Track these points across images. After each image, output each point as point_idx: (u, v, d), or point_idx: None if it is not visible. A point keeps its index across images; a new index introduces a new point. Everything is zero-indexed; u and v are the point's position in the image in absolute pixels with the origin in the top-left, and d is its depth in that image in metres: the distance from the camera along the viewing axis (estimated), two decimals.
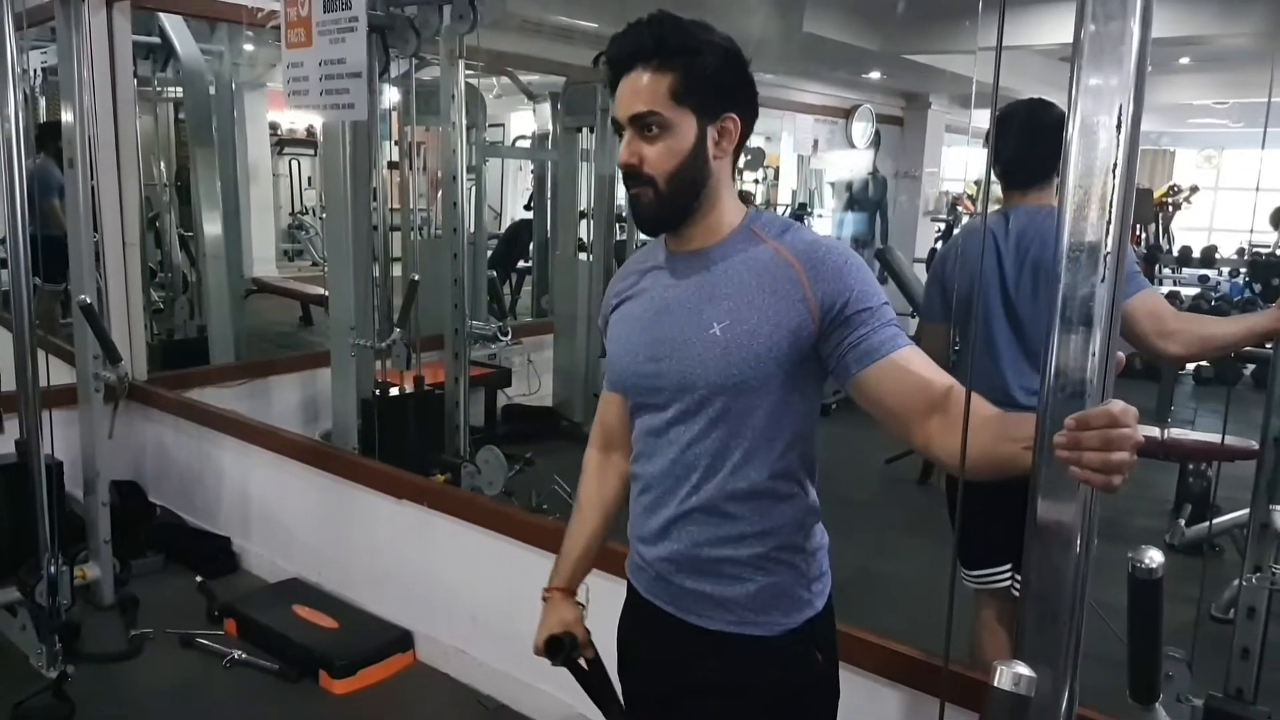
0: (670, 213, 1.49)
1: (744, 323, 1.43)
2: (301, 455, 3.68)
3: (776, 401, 1.46)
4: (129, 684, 3.15)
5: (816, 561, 1.58)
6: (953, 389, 1.38)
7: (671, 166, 1.45)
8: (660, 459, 1.54)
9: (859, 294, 1.41)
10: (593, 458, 1.81)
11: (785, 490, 1.52)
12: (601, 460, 1.79)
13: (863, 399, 1.43)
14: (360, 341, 3.92)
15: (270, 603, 3.51)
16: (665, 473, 1.54)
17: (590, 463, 1.81)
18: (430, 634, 3.27)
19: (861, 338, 1.40)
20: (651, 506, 1.58)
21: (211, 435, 4.04)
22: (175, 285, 6.33)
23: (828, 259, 1.43)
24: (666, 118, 1.43)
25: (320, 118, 3.63)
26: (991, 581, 2.61)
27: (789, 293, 1.42)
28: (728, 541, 1.51)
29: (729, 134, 1.48)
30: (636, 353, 1.55)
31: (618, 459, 1.75)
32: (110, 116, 4.04)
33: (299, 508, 3.77)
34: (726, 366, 1.44)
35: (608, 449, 1.78)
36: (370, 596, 3.46)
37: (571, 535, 1.80)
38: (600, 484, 1.78)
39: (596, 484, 1.79)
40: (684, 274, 1.52)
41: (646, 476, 1.58)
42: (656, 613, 1.61)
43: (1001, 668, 1.14)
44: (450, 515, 3.14)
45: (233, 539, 3.99)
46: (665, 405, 1.52)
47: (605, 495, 1.78)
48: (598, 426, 1.80)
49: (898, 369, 1.39)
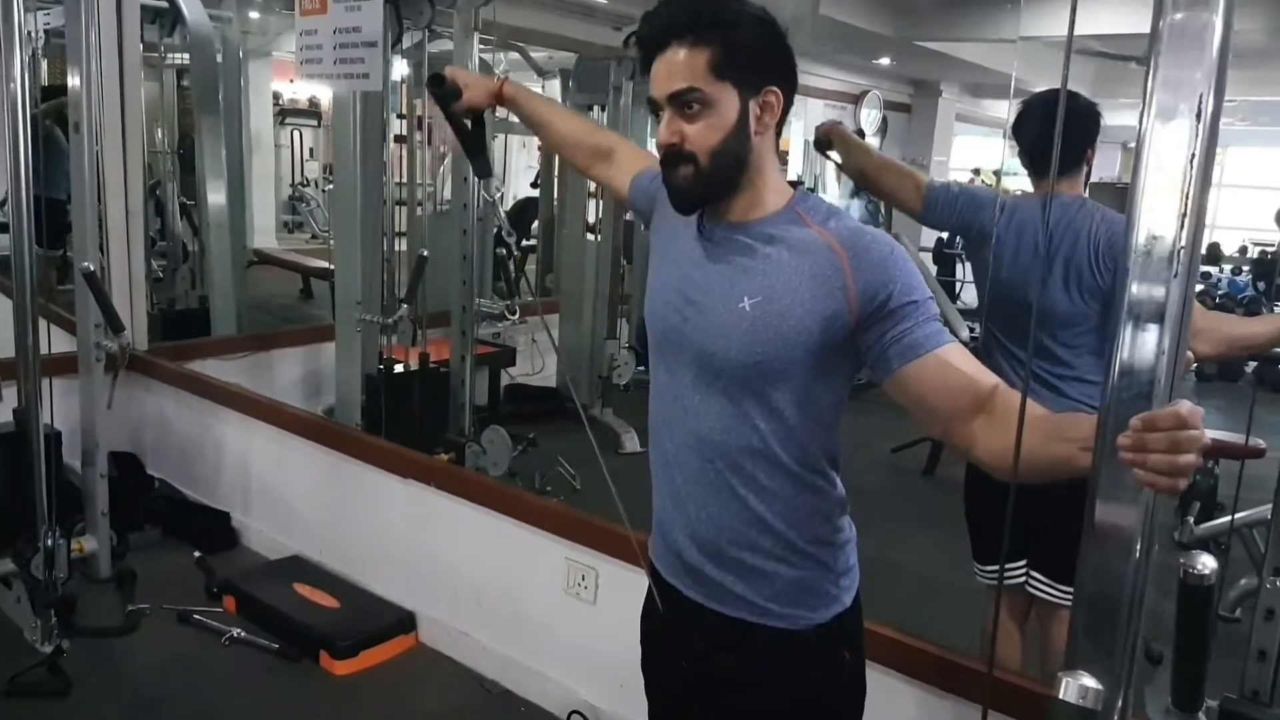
0: (711, 189, 1.43)
1: (775, 302, 1.38)
2: (305, 431, 3.62)
3: (799, 388, 1.41)
4: (125, 660, 3.09)
5: (844, 555, 1.54)
6: (998, 388, 1.33)
7: (714, 143, 1.39)
8: (678, 428, 1.50)
9: (903, 286, 1.35)
10: (612, 143, 1.93)
11: (810, 480, 1.47)
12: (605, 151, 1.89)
13: (902, 395, 1.38)
14: (366, 317, 3.87)
15: (270, 580, 3.46)
16: (685, 446, 1.49)
17: (610, 140, 1.95)
18: (433, 616, 3.22)
19: (904, 332, 1.34)
20: (675, 485, 1.53)
21: (212, 408, 3.97)
22: (176, 255, 6.25)
23: (873, 248, 1.37)
24: (707, 94, 1.37)
25: (331, 88, 3.56)
26: (1007, 578, 2.55)
27: (828, 279, 1.37)
28: (752, 529, 1.47)
29: (771, 108, 1.42)
30: (668, 300, 1.51)
31: (600, 166, 1.87)
32: (116, 81, 3.95)
33: (301, 484, 3.71)
34: (750, 344, 1.39)
35: (608, 158, 1.87)
36: (372, 576, 3.41)
37: (554, 109, 2.12)
38: (590, 147, 1.91)
39: (592, 145, 1.92)
40: (721, 243, 1.47)
41: (663, 442, 1.54)
42: (679, 597, 1.57)
43: (1067, 679, 1.10)
44: (456, 496, 3.08)
45: (233, 514, 3.94)
46: (684, 367, 1.48)
47: (580, 149, 1.93)
48: (625, 151, 1.88)
49: (942, 365, 1.34)
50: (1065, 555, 2.46)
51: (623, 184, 1.81)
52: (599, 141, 1.92)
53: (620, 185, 1.82)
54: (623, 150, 1.88)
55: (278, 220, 11.81)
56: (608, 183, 1.89)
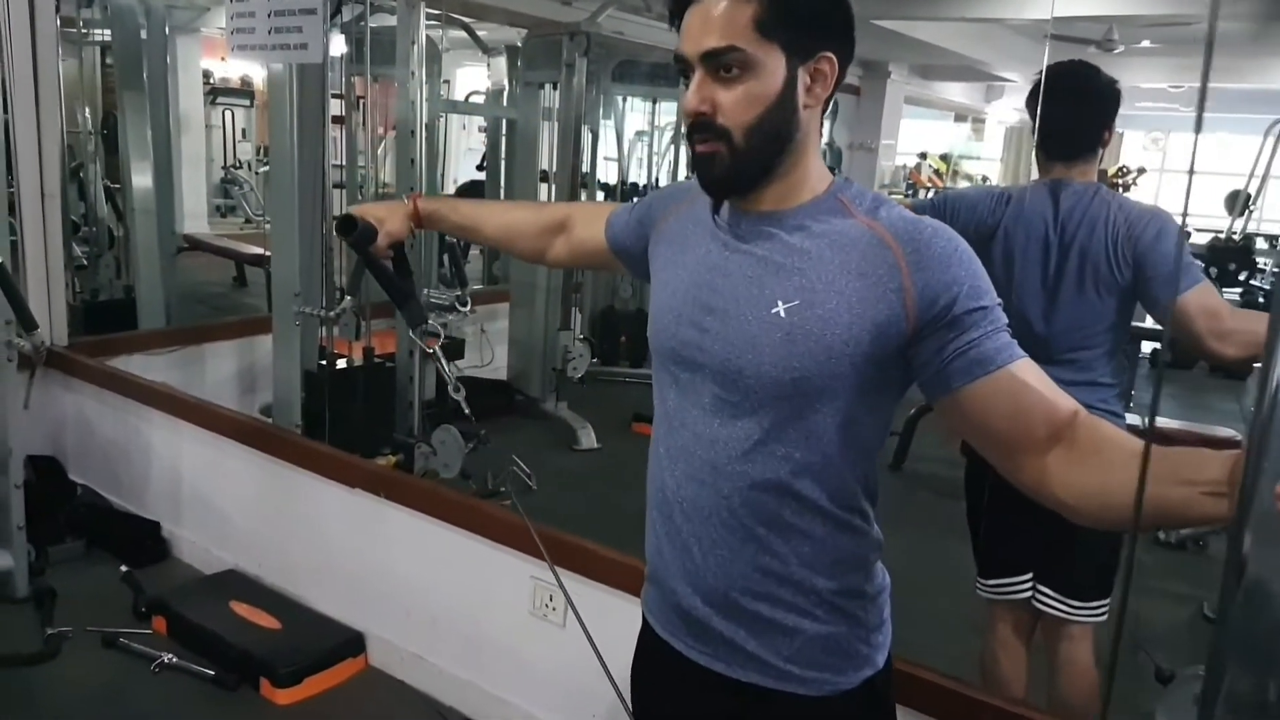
0: (746, 174, 1.21)
1: (817, 306, 1.16)
2: (241, 435, 3.34)
3: (841, 409, 1.20)
4: (44, 690, 2.80)
5: (877, 607, 1.32)
6: (1078, 414, 1.13)
7: (752, 117, 1.17)
8: (687, 462, 1.27)
9: (970, 289, 1.15)
10: (557, 216, 1.70)
11: (845, 519, 1.26)
12: (555, 227, 1.67)
13: (959, 419, 1.17)
14: (306, 309, 3.58)
15: (205, 598, 3.18)
16: (693, 480, 1.27)
17: (553, 213, 1.71)
18: (384, 636, 2.97)
19: (971, 343, 1.13)
20: (670, 521, 1.31)
21: (139, 409, 3.67)
22: (101, 241, 5.89)
23: (934, 243, 1.16)
24: (750, 55, 1.15)
25: (266, 62, 3.27)
26: (1011, 592, 2.41)
27: (881, 278, 1.15)
28: (770, 577, 1.25)
29: (824, 78, 1.20)
30: (679, 313, 1.28)
31: (559, 243, 1.67)
32: (28, 55, 3.62)
33: (237, 492, 3.43)
34: (787, 356, 1.17)
35: (564, 230, 1.65)
36: (317, 593, 3.15)
37: (477, 207, 1.87)
38: (533, 231, 1.68)
39: (533, 227, 1.69)
40: (749, 237, 1.24)
41: (664, 479, 1.31)
42: (675, 658, 1.34)
43: None
44: (410, 508, 2.84)
45: (162, 524, 3.64)
46: (701, 387, 1.25)
47: (521, 239, 1.70)
48: (580, 215, 1.66)
49: (1015, 384, 1.13)
50: (1076, 569, 2.33)
51: (596, 239, 1.58)
52: (547, 218, 1.69)
53: (594, 243, 1.59)
54: (578, 212, 1.67)
55: (209, 204, 11.34)
56: (577, 253, 1.66)
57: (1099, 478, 1.08)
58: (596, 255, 1.60)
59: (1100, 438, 1.11)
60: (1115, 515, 1.08)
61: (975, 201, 2.41)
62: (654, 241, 1.41)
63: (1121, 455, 1.08)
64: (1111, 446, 1.10)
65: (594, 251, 1.60)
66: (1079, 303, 2.21)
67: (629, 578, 2.29)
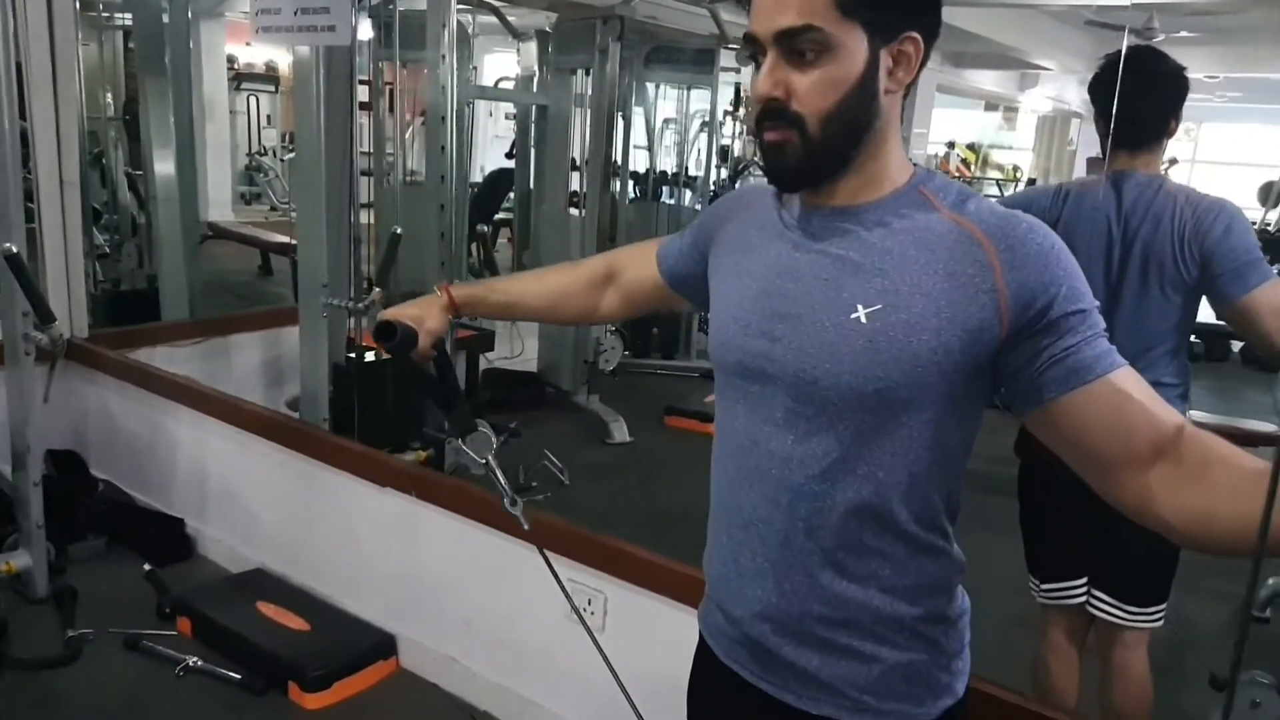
0: (820, 165, 1.09)
1: (903, 310, 1.05)
2: (267, 431, 3.24)
3: (929, 422, 1.08)
4: (64, 695, 2.71)
5: (958, 632, 1.21)
6: (1184, 430, 1.01)
7: (830, 104, 1.05)
8: (759, 482, 1.16)
9: (1069, 290, 1.03)
10: (597, 268, 1.54)
11: (928, 540, 1.14)
12: (599, 280, 1.52)
13: (1053, 432, 1.06)
14: (334, 301, 3.47)
15: (230, 598, 3.08)
16: (768, 501, 1.15)
17: (591, 266, 1.55)
18: (416, 639, 2.87)
19: (1069, 350, 1.02)
20: (740, 545, 1.20)
21: (162, 403, 3.57)
22: (124, 229, 5.80)
23: (1029, 240, 1.04)
24: (829, 35, 1.03)
25: (292, 46, 3.15)
26: (1066, 596, 2.32)
27: (973, 279, 1.04)
28: (848, 604, 1.14)
29: (907, 60, 1.08)
30: (747, 323, 1.16)
31: (608, 295, 1.52)
32: (45, 40, 3.52)
33: (264, 489, 3.33)
34: (870, 366, 1.05)
35: (610, 279, 1.51)
36: (346, 593, 3.04)
37: (510, 283, 1.62)
38: (577, 290, 1.53)
39: (576, 286, 1.53)
40: (822, 235, 1.12)
41: (734, 500, 1.20)
42: (739, 684, 1.23)
43: None
44: (443, 508, 2.72)
45: (187, 521, 3.54)
46: (773, 400, 1.14)
47: (567, 301, 1.54)
48: (622, 258, 1.54)
49: (1117, 396, 1.02)
50: (1133, 573, 2.21)
51: (650, 279, 1.45)
52: (589, 273, 1.54)
53: (649, 283, 1.46)
54: (622, 257, 1.53)
55: (234, 191, 11.29)
56: (631, 299, 1.52)
57: (1210, 500, 0.98)
58: (654, 296, 1.48)
59: (1211, 456, 1.00)
60: (1230, 541, 0.97)
61: (1030, 199, 2.32)
62: (714, 255, 1.30)
63: (1236, 476, 0.97)
64: (1224, 465, 0.99)
65: (650, 293, 1.47)
66: (1143, 301, 2.10)
67: (674, 584, 2.19)
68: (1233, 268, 2.01)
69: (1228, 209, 2.05)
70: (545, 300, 1.57)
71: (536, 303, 1.58)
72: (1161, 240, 2.07)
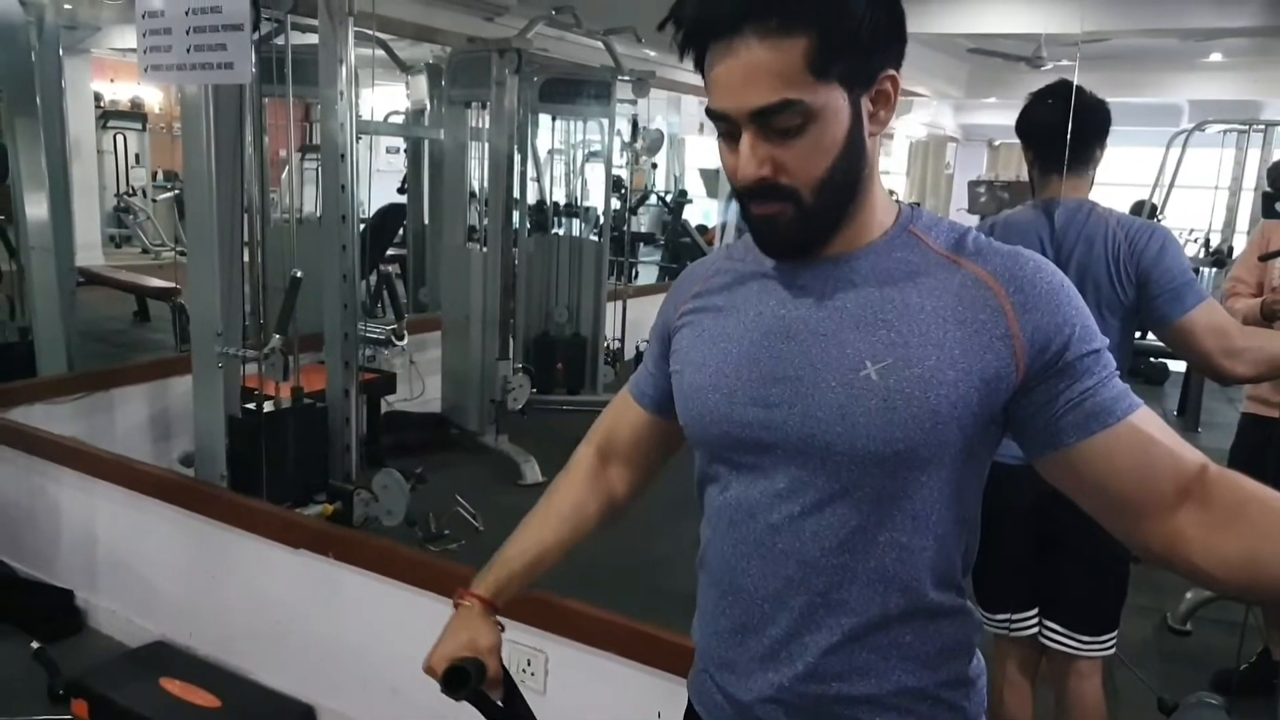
0: (816, 231, 1.03)
1: (915, 364, 0.99)
2: (162, 492, 3.04)
3: (948, 480, 1.03)
4: None
5: (977, 693, 1.15)
6: (1208, 468, 0.97)
7: (822, 171, 0.99)
8: (763, 557, 1.08)
9: (1082, 330, 0.99)
10: (586, 458, 1.36)
11: (947, 603, 1.08)
12: (596, 467, 1.35)
13: (1071, 478, 1.01)
14: (230, 350, 3.28)
15: (131, 675, 2.85)
16: (774, 576, 1.07)
17: (581, 462, 1.36)
18: (339, 710, 2.71)
19: (1086, 393, 0.97)
20: (744, 624, 1.11)
21: (43, 465, 3.34)
22: None
23: (1039, 279, 1.00)
24: (810, 105, 0.96)
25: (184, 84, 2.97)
26: (1017, 628, 2.30)
27: (985, 325, 0.99)
28: (868, 678, 1.06)
29: (886, 98, 1.02)
30: (733, 390, 1.07)
31: (615, 474, 1.34)
32: None
33: (161, 554, 3.12)
34: (887, 427, 0.99)
35: (606, 458, 1.35)
36: (258, 663, 2.86)
37: (522, 538, 1.32)
38: (586, 492, 1.34)
39: (581, 490, 1.34)
40: (816, 288, 1.06)
41: (732, 578, 1.12)
42: None
43: None
44: (362, 569, 2.58)
45: (76, 592, 3.30)
46: (773, 471, 1.06)
47: (584, 509, 1.33)
48: (603, 429, 1.36)
49: (1139, 438, 0.97)
50: (1083, 602, 2.21)
51: (640, 426, 1.31)
52: (584, 470, 1.36)
53: (642, 430, 1.32)
54: (600, 430, 1.38)
55: (104, 234, 10.77)
56: (637, 460, 1.35)
57: (1252, 544, 0.93)
58: (659, 440, 1.32)
59: (1243, 496, 0.96)
60: (1272, 587, 0.92)
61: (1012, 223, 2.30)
62: (677, 336, 1.19)
63: (1274, 518, 0.93)
64: (1259, 507, 0.95)
65: (653, 440, 1.32)
66: None
67: (621, 640, 2.10)
68: (1170, 289, 2.04)
69: (1159, 230, 2.10)
70: (566, 529, 1.35)
71: (560, 538, 1.34)
72: (1096, 262, 2.09)
